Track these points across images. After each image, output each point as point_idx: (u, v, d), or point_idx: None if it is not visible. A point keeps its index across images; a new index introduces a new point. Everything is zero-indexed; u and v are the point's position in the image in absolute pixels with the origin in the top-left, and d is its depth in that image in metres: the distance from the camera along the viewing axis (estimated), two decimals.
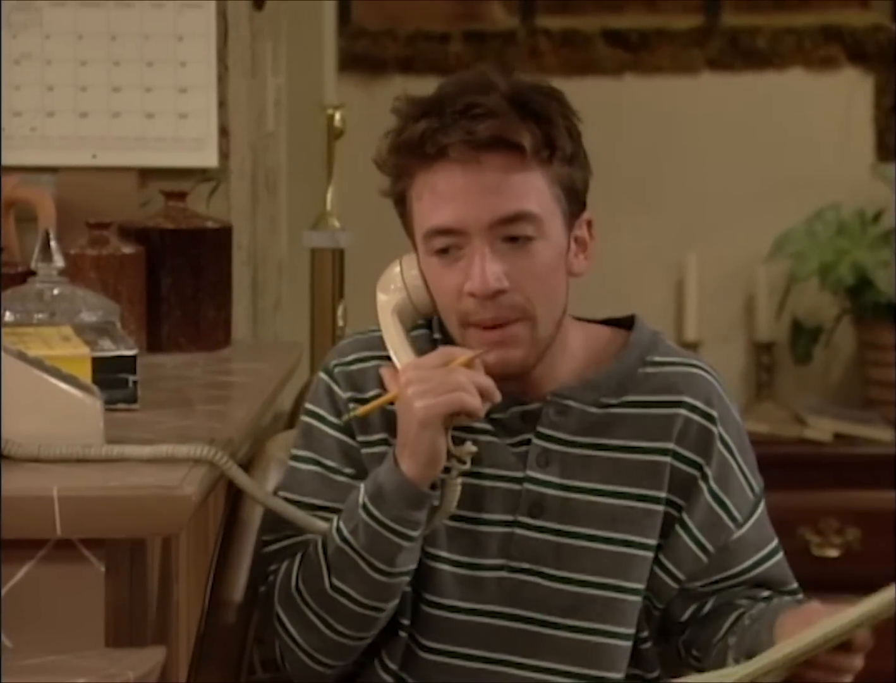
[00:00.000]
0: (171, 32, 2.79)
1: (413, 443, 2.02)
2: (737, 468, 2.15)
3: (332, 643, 2.10)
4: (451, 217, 2.04)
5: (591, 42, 3.97)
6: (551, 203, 2.06)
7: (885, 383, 3.79)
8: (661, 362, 2.15)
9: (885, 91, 3.92)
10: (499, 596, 2.13)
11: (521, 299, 2.05)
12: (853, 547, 3.62)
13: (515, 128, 2.03)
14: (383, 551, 2.04)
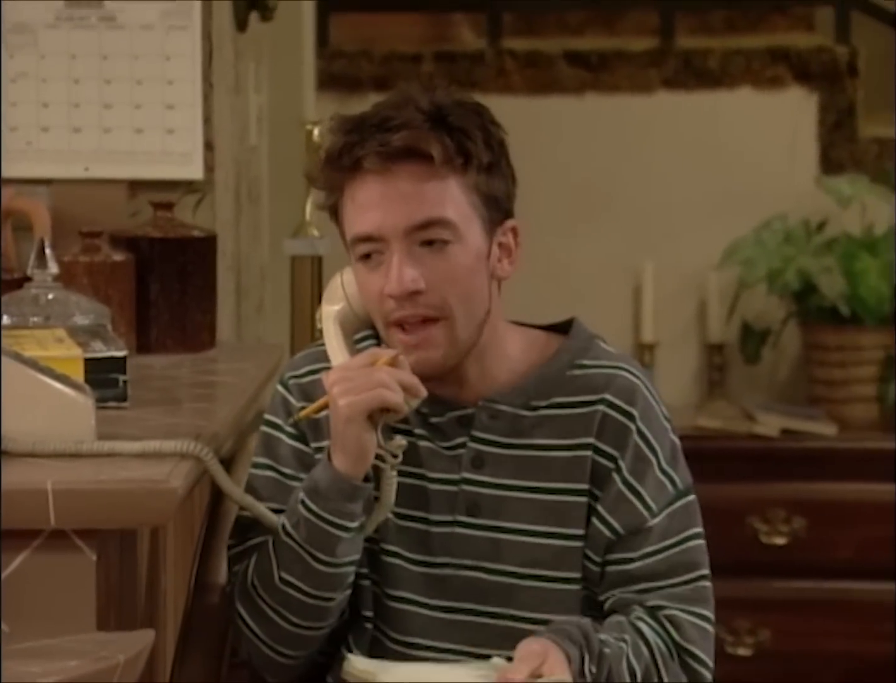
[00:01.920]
0: (159, 53, 2.79)
1: (341, 439, 2.03)
2: (654, 462, 2.14)
3: (289, 633, 2.10)
4: (370, 225, 2.05)
5: (554, 63, 3.97)
6: (468, 210, 2.06)
7: (828, 381, 3.80)
8: (589, 366, 2.14)
9: (829, 109, 3.92)
10: (448, 590, 2.14)
11: (438, 299, 2.05)
12: (799, 535, 3.62)
13: (426, 138, 2.02)
14: (324, 543, 2.05)
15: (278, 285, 3.28)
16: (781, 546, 3.62)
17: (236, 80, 3.11)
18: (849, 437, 3.67)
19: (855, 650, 3.58)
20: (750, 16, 4.23)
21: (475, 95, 2.16)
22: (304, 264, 3.08)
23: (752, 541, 3.60)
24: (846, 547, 3.60)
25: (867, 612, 3.59)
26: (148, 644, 1.89)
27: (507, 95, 3.93)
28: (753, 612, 3.52)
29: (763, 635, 3.59)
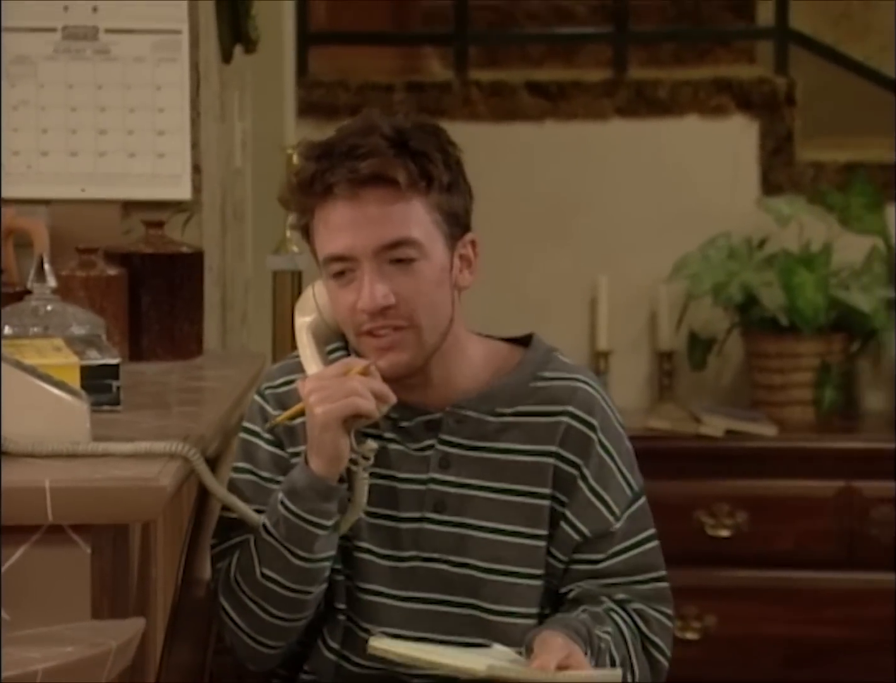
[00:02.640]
0: (150, 83, 2.78)
1: (317, 444, 2.03)
2: (615, 469, 2.15)
3: (270, 625, 2.10)
4: (341, 246, 2.04)
5: (516, 92, 3.97)
6: (431, 228, 2.06)
7: (769, 386, 3.81)
8: (550, 377, 2.15)
9: (768, 135, 3.93)
10: (415, 583, 2.13)
11: (407, 311, 2.05)
12: (742, 528, 3.63)
13: (392, 165, 2.02)
14: (302, 540, 2.05)
15: (261, 297, 3.27)
16: (726, 538, 3.62)
17: (222, 108, 3.10)
18: (787, 437, 3.68)
19: (794, 634, 3.58)
20: (696, 49, 4.24)
21: (443, 122, 2.16)
22: (284, 279, 3.08)
23: (699, 533, 3.60)
24: (785, 539, 3.60)
25: (805, 599, 3.59)
26: (139, 631, 1.88)
27: (472, 123, 3.93)
28: (700, 599, 3.52)
29: (709, 620, 3.59)
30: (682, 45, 4.26)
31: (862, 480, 3.60)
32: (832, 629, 3.57)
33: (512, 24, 4.43)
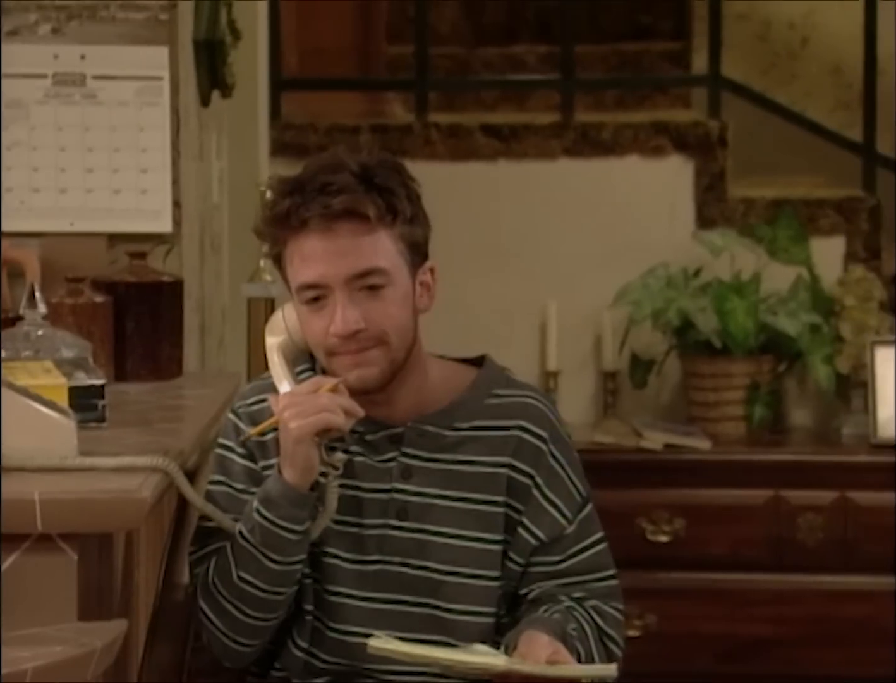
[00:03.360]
0: (134, 125, 2.77)
1: (291, 456, 2.02)
2: (566, 477, 2.15)
3: (245, 625, 2.09)
4: (315, 275, 2.04)
5: (472, 134, 3.98)
6: (397, 257, 2.06)
7: (703, 403, 3.81)
8: (504, 395, 2.16)
9: (703, 173, 3.94)
10: (379, 584, 2.12)
11: (376, 333, 2.05)
12: (679, 534, 3.63)
13: (362, 201, 2.03)
14: (275, 544, 2.04)
15: (236, 322, 3.26)
16: (665, 543, 3.62)
17: (200, 148, 3.09)
18: (721, 450, 3.68)
19: (728, 631, 3.58)
20: (637, 95, 4.26)
21: (405, 161, 2.17)
22: (258, 305, 3.08)
23: (640, 539, 3.60)
24: (719, 544, 3.60)
25: (737, 599, 3.60)
26: (122, 632, 1.87)
27: (432, 162, 3.93)
28: (641, 599, 3.52)
29: (650, 619, 3.59)
30: (624, 91, 4.28)
31: (789, 489, 3.61)
32: (762, 626, 3.58)
33: (468, 72, 4.44)
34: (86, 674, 1.78)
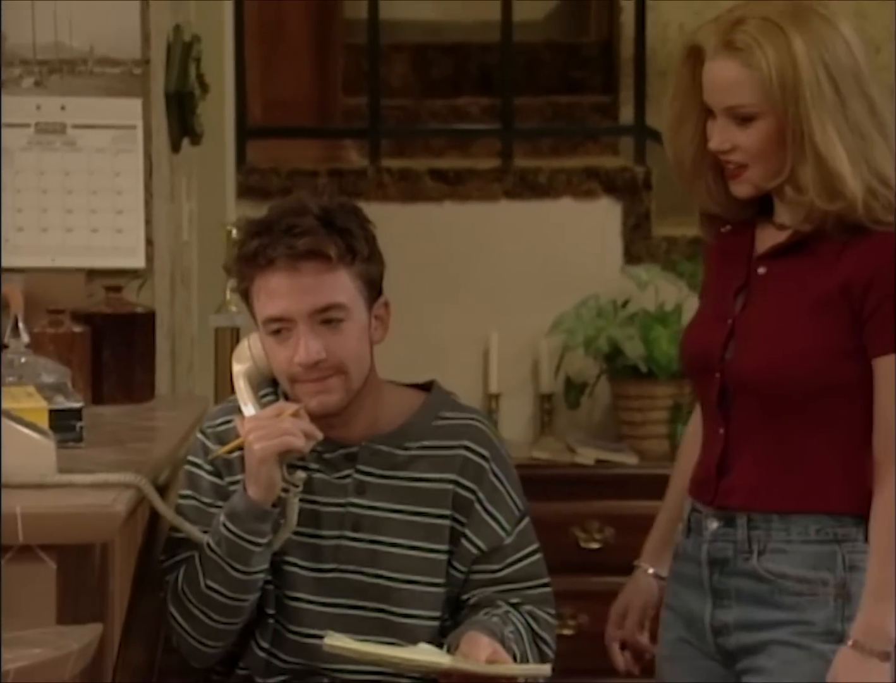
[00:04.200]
0: (110, 170, 2.76)
1: (255, 475, 2.02)
2: (505, 493, 2.16)
3: (211, 629, 2.08)
4: (281, 309, 2.05)
5: (421, 178, 3.98)
6: (355, 294, 2.08)
7: (631, 422, 3.82)
8: (449, 417, 2.17)
9: (630, 214, 3.96)
10: (335, 591, 2.12)
11: (336, 362, 2.06)
12: (609, 542, 3.63)
13: (325, 242, 2.05)
14: (240, 556, 2.04)
15: (205, 350, 3.25)
16: (596, 550, 3.63)
17: (171, 191, 3.09)
18: (647, 465, 3.69)
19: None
20: (570, 143, 4.27)
21: (359, 203, 2.18)
22: (225, 334, 3.07)
23: (574, 546, 3.60)
24: None
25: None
26: (97, 635, 1.86)
27: (384, 203, 3.92)
28: (575, 601, 3.52)
29: (582, 618, 3.59)
30: (558, 139, 4.29)
31: None
32: None
33: (417, 121, 4.45)
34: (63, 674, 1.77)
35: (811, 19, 2.01)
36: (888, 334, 2.03)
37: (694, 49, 2.07)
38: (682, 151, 2.12)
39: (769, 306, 2.09)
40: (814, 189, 2.01)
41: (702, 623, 2.14)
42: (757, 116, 2.03)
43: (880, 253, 2.03)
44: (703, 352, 2.13)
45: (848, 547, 2.07)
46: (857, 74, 2.02)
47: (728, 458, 2.11)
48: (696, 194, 2.15)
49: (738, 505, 2.10)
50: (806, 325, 2.06)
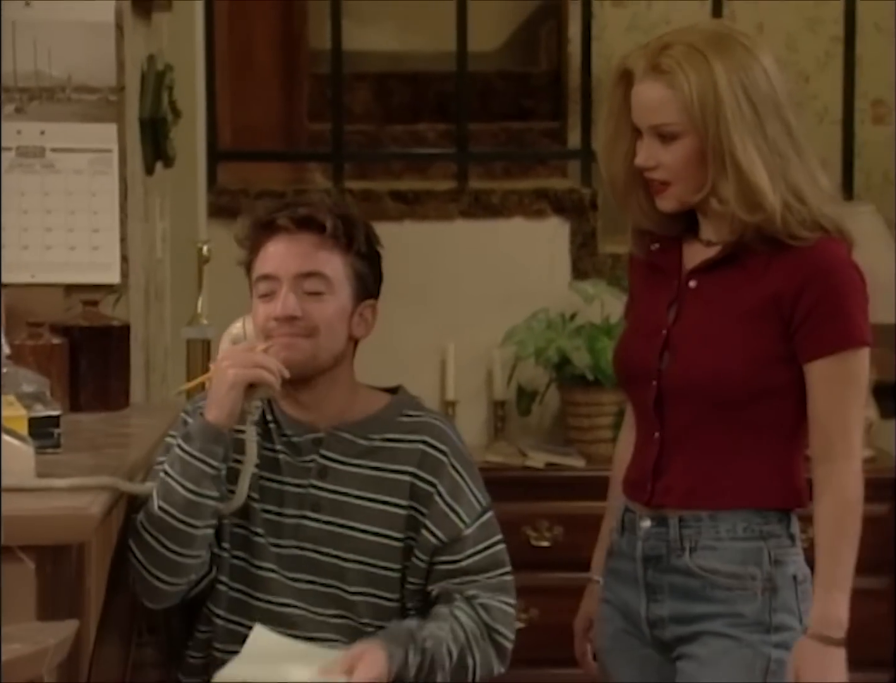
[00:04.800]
0: (87, 191, 2.75)
1: (219, 399, 2.05)
2: (466, 487, 2.17)
3: (164, 559, 2.08)
4: (270, 267, 2.12)
5: (381, 198, 3.98)
6: (343, 278, 2.13)
7: (579, 428, 3.83)
8: (413, 415, 2.19)
9: (577, 233, 3.97)
10: (295, 566, 2.15)
11: (308, 327, 2.10)
12: (558, 540, 3.64)
13: (324, 214, 2.14)
14: (192, 475, 2.05)
15: (177, 360, 3.24)
16: (546, 548, 3.63)
17: (145, 210, 3.08)
18: (593, 468, 3.69)
19: None
20: (521, 166, 4.28)
21: None
22: (196, 346, 3.06)
23: (525, 544, 3.60)
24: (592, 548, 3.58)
25: None
26: (73, 631, 1.85)
27: None
28: (526, 596, 3.49)
29: (533, 612, 3.60)
30: (511, 163, 4.31)
31: None
32: None
33: (378, 146, 4.45)
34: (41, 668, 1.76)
35: (733, 47, 2.05)
36: (819, 340, 2.05)
37: (625, 73, 2.10)
38: (615, 168, 2.14)
39: (701, 317, 2.11)
40: (735, 201, 2.04)
41: (638, 615, 2.15)
42: (679, 135, 2.06)
43: (807, 264, 2.06)
44: (639, 362, 2.15)
45: (773, 543, 2.09)
46: (775, 99, 2.06)
47: (663, 460, 2.13)
48: (629, 210, 2.18)
49: (672, 505, 2.12)
50: (737, 333, 2.08)
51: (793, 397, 2.08)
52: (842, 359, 2.04)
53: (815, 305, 2.03)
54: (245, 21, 4.12)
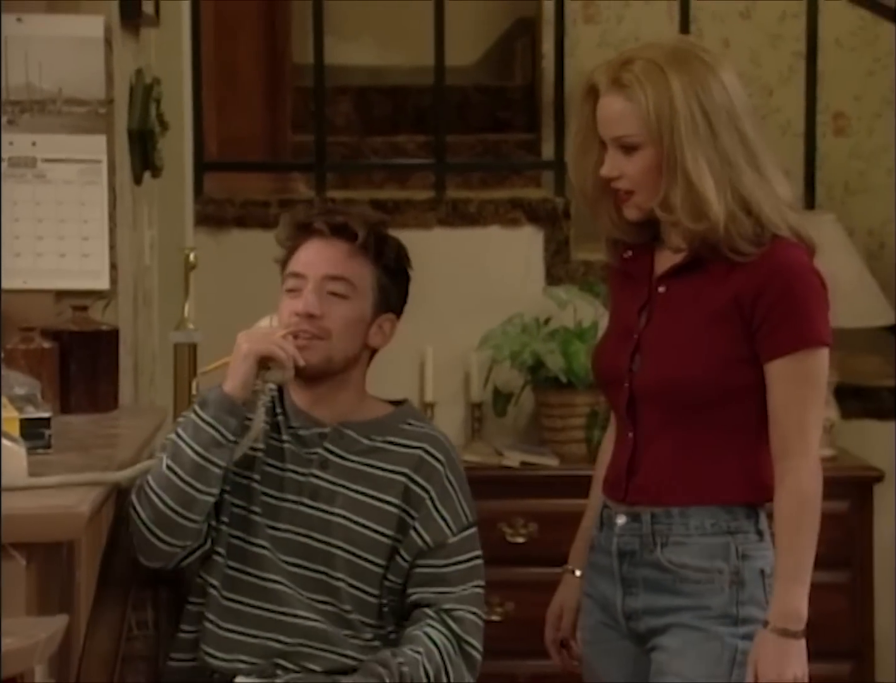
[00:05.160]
0: (77, 200, 2.74)
1: (235, 370, 2.11)
2: (455, 499, 2.21)
3: (163, 516, 2.10)
4: (301, 266, 2.18)
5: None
6: (366, 286, 2.18)
7: (552, 428, 3.83)
8: (416, 425, 2.27)
9: (551, 240, 3.97)
10: (288, 549, 2.19)
11: (326, 327, 2.16)
12: (533, 536, 3.64)
13: (358, 224, 2.18)
14: (201, 440, 2.09)
15: (165, 364, 3.23)
16: (521, 543, 3.63)
17: (134, 219, 3.07)
18: (567, 467, 3.70)
19: None
20: (497, 177, 4.29)
21: None
22: (183, 349, 3.06)
23: (501, 540, 3.60)
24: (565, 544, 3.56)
25: None
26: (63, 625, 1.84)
27: None
28: (502, 590, 3.53)
29: (509, 606, 3.60)
30: (487, 173, 4.31)
31: None
32: None
33: (359, 156, 4.45)
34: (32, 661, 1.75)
35: (691, 62, 2.07)
36: (777, 340, 2.06)
37: (591, 88, 2.13)
38: (585, 179, 2.17)
39: (669, 321, 2.13)
40: (681, 210, 2.07)
41: (615, 608, 2.16)
42: (639, 146, 2.08)
43: (767, 266, 2.08)
44: (612, 365, 2.17)
45: (740, 539, 2.10)
46: (731, 111, 2.08)
47: (636, 460, 2.14)
48: (599, 220, 2.19)
49: (644, 502, 2.13)
50: (702, 336, 2.09)
51: (758, 396, 2.09)
52: (799, 359, 2.06)
53: (773, 306, 2.05)
54: (230, 36, 4.11)
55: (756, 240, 2.07)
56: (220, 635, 2.14)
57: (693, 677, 2.07)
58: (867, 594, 3.48)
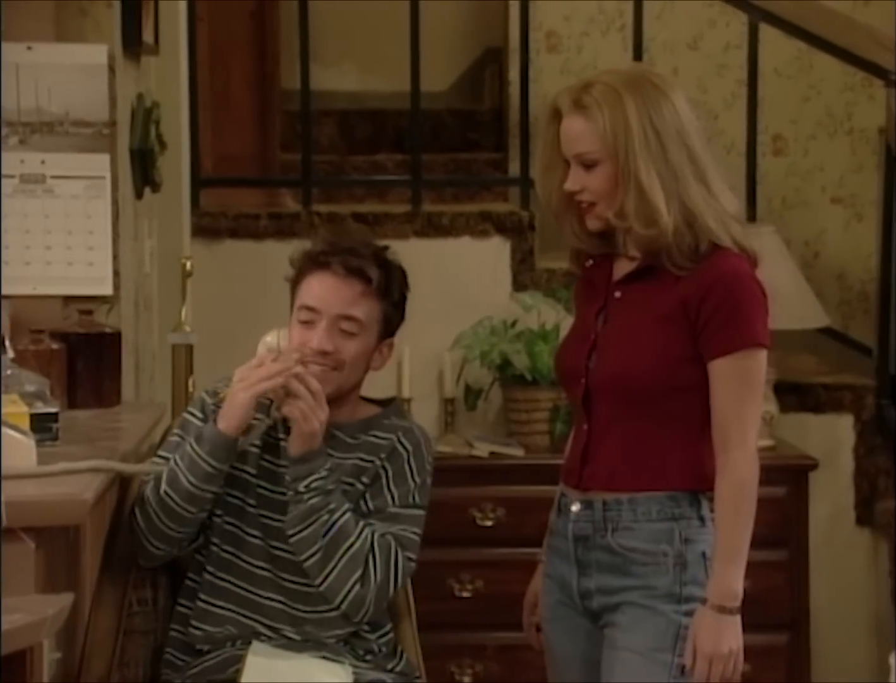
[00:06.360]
0: (83, 213, 2.74)
1: (230, 413, 2.12)
2: (410, 481, 2.23)
3: (161, 531, 2.15)
4: (316, 300, 2.17)
5: (345, 220, 3.97)
6: (374, 321, 2.18)
7: (518, 421, 3.83)
8: (396, 421, 2.27)
9: (517, 250, 3.97)
10: (279, 536, 2.21)
11: (338, 361, 2.16)
12: (501, 520, 3.64)
13: (372, 268, 2.17)
14: (196, 472, 2.12)
15: (164, 363, 3.22)
16: (489, 527, 3.63)
17: (135, 231, 3.06)
18: (531, 457, 3.70)
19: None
20: (468, 192, 4.29)
21: (292, 242, 2.21)
22: (180, 350, 3.06)
23: (471, 523, 3.60)
24: (530, 527, 3.56)
25: None
26: (69, 603, 1.84)
27: None
28: (472, 568, 3.53)
29: (478, 583, 3.59)
30: (459, 189, 4.31)
31: None
32: None
33: (342, 173, 4.45)
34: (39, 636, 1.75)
35: (644, 86, 2.10)
36: (718, 341, 2.08)
37: (555, 111, 2.15)
38: (550, 194, 2.19)
39: (622, 322, 2.15)
40: (634, 216, 2.09)
41: (571, 588, 2.17)
42: (598, 162, 2.10)
43: (711, 273, 2.11)
44: (571, 363, 2.19)
45: (684, 524, 2.12)
46: (680, 130, 2.10)
47: (590, 449, 2.16)
48: (564, 231, 2.21)
49: (596, 489, 2.14)
50: (651, 337, 2.11)
51: (701, 393, 2.11)
52: (739, 358, 2.08)
53: (716, 309, 2.07)
54: (224, 64, 4.11)
55: (692, 256, 2.10)
56: (209, 610, 2.19)
57: (641, 650, 2.09)
58: (803, 571, 3.50)
